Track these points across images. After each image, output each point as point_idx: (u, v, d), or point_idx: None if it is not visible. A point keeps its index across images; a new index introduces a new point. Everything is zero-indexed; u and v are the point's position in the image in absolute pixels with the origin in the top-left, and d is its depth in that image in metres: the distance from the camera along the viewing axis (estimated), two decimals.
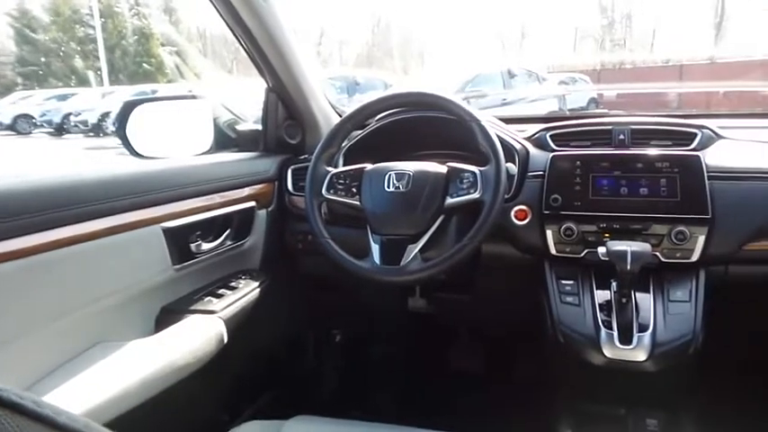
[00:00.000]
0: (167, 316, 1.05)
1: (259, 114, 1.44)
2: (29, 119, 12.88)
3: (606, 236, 1.10)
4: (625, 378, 1.08)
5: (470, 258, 1.08)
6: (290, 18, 1.29)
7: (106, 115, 10.73)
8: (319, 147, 1.20)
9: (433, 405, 1.60)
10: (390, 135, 1.35)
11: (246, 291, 1.20)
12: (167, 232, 1.02)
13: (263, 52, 1.27)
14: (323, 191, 1.15)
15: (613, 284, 1.06)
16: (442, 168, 1.10)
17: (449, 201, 1.07)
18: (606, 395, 1.17)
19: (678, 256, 1.07)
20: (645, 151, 1.15)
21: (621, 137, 1.20)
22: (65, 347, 0.87)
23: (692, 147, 1.16)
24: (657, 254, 1.07)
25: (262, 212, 1.33)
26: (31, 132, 12.74)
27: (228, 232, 1.22)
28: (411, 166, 1.12)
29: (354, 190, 1.13)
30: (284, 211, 1.39)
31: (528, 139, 1.28)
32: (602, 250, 1.02)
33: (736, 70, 10.42)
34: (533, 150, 1.24)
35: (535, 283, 1.19)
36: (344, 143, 1.29)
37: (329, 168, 1.17)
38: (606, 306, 1.07)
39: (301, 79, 1.37)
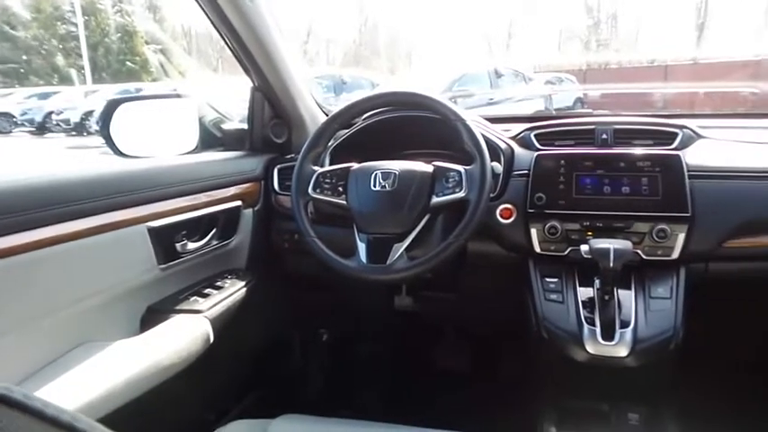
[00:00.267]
0: (153, 316, 1.05)
1: (245, 113, 1.44)
2: (9, 117, 12.66)
3: (589, 234, 1.12)
4: (607, 374, 1.10)
5: (456, 257, 1.09)
6: (277, 16, 1.28)
7: (89, 114, 10.59)
8: (306, 146, 1.20)
9: (420, 403, 1.61)
10: (377, 134, 1.35)
11: (232, 290, 1.20)
12: (152, 232, 1.01)
13: (248, 51, 1.26)
14: (309, 190, 1.15)
15: (596, 282, 1.07)
16: (427, 167, 1.11)
17: (435, 200, 1.07)
18: (589, 391, 1.19)
19: (659, 253, 1.09)
20: (627, 150, 1.17)
21: (604, 136, 1.22)
22: (49, 348, 0.86)
23: (673, 146, 1.18)
24: (639, 251, 1.09)
25: (248, 212, 1.33)
26: (11, 131, 12.53)
27: (214, 232, 1.22)
28: (397, 165, 1.13)
29: (341, 189, 1.14)
30: (270, 211, 1.39)
31: (513, 138, 1.29)
32: (585, 248, 1.03)
33: (718, 71, 10.57)
34: (518, 150, 1.25)
35: (520, 281, 1.20)
36: (331, 142, 1.29)
37: (315, 167, 1.17)
38: (589, 303, 1.09)
39: (287, 78, 1.37)
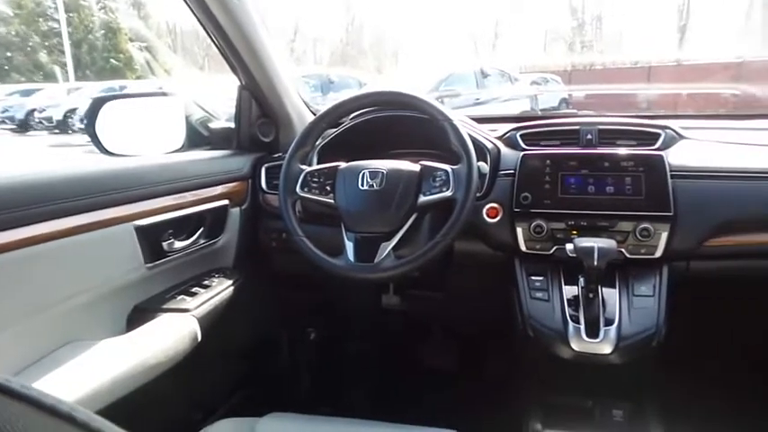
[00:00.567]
0: (139, 314, 1.04)
1: (232, 112, 1.43)
2: None
3: (574, 233, 1.13)
4: (592, 371, 1.11)
5: (443, 256, 1.10)
6: (263, 15, 1.28)
7: (72, 112, 10.45)
8: (293, 145, 1.20)
9: (407, 401, 1.62)
10: (364, 134, 1.35)
11: (220, 289, 1.20)
12: (139, 230, 1.01)
13: (235, 50, 1.26)
14: (297, 189, 1.15)
15: (581, 280, 1.09)
16: (415, 167, 1.12)
17: (422, 199, 1.08)
18: (574, 388, 1.20)
19: (643, 252, 1.11)
20: (611, 151, 1.18)
21: (589, 136, 1.23)
22: (35, 346, 0.85)
23: (656, 146, 1.20)
24: (623, 250, 1.11)
25: (235, 210, 1.32)
26: None
27: (201, 230, 1.22)
28: (385, 164, 1.13)
29: (328, 188, 1.14)
30: (258, 210, 1.39)
31: (499, 138, 1.31)
32: (570, 247, 1.05)
33: (701, 72, 10.74)
34: (504, 149, 1.27)
35: (506, 280, 1.21)
36: (318, 141, 1.29)
37: (303, 167, 1.18)
38: (574, 301, 1.10)
39: (275, 77, 1.37)
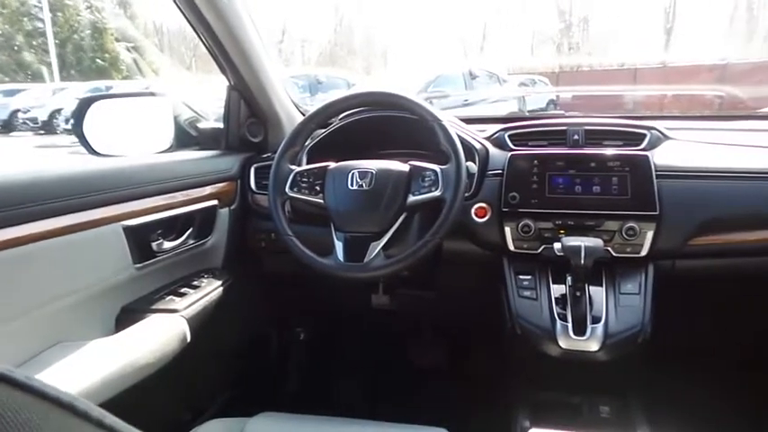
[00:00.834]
0: (128, 315, 1.04)
1: (220, 112, 1.43)
2: None
3: (561, 232, 1.15)
4: (579, 368, 1.13)
5: (432, 255, 1.10)
6: (252, 15, 1.28)
7: (57, 112, 10.32)
8: (282, 145, 1.20)
9: (397, 400, 1.63)
10: (353, 134, 1.36)
11: (209, 289, 1.19)
12: (128, 231, 1.00)
13: (224, 50, 1.26)
14: (286, 189, 1.15)
15: (568, 279, 1.10)
16: (404, 167, 1.12)
17: (411, 199, 1.09)
18: (562, 385, 1.22)
19: (629, 250, 1.13)
20: (598, 151, 1.20)
21: (576, 137, 1.25)
22: (23, 348, 0.85)
23: (642, 147, 1.22)
24: (609, 249, 1.12)
25: (224, 211, 1.32)
26: None
27: (190, 231, 1.21)
28: (374, 164, 1.14)
29: (318, 188, 1.14)
30: (247, 210, 1.39)
31: (487, 138, 1.32)
32: (557, 246, 1.06)
33: (686, 74, 10.86)
34: (493, 150, 1.28)
35: (494, 279, 1.22)
36: (308, 142, 1.30)
37: (293, 167, 1.18)
38: (562, 299, 1.12)
39: (264, 77, 1.37)
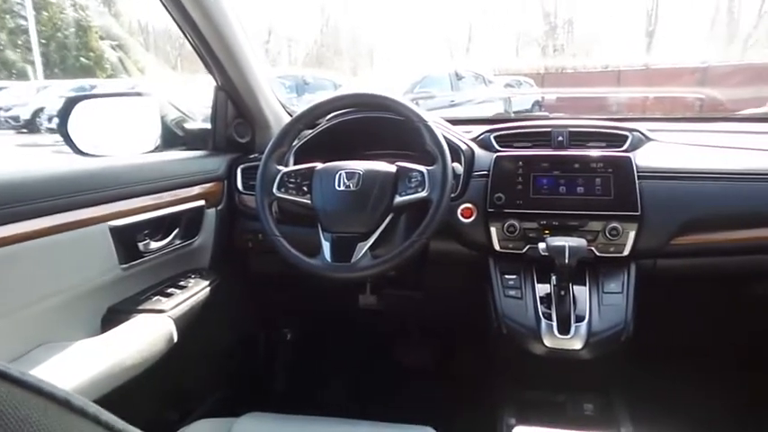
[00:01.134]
0: (114, 316, 1.03)
1: (208, 112, 1.43)
2: None
3: (546, 232, 1.16)
4: (564, 366, 1.14)
5: (419, 255, 1.11)
6: (238, 14, 1.28)
7: (40, 111, 10.18)
8: (270, 146, 1.20)
9: (384, 400, 1.63)
10: (341, 135, 1.36)
11: (196, 290, 1.19)
12: (114, 231, 1.00)
13: (211, 50, 1.26)
14: (274, 189, 1.15)
15: (553, 278, 1.12)
16: (391, 168, 1.13)
17: (398, 199, 1.10)
18: (547, 383, 1.23)
19: (612, 250, 1.14)
20: (581, 152, 1.22)
21: (560, 138, 1.27)
22: (7, 348, 0.84)
23: (624, 148, 1.24)
24: (593, 249, 1.14)
25: (211, 211, 1.32)
26: None
27: (177, 231, 1.21)
28: (361, 165, 1.15)
29: (305, 189, 1.15)
30: (234, 210, 1.39)
31: (473, 139, 1.33)
32: (542, 246, 1.07)
33: (668, 76, 11.01)
34: (478, 151, 1.29)
35: (480, 279, 1.24)
36: (295, 142, 1.30)
37: (280, 167, 1.18)
38: (546, 299, 1.13)
39: (251, 77, 1.36)
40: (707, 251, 1.19)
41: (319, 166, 1.17)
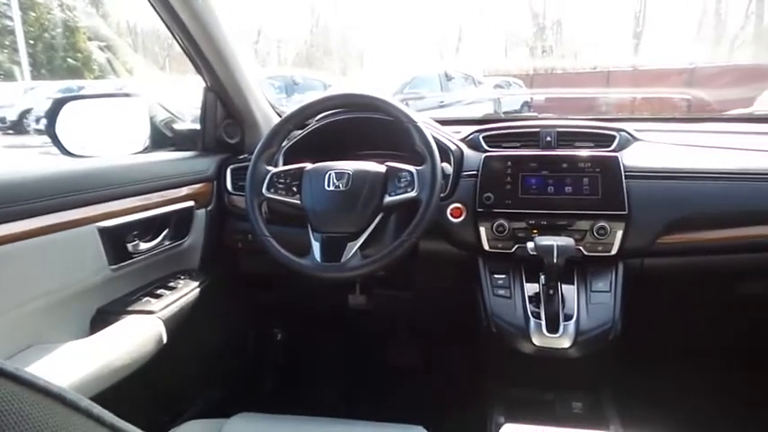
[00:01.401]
0: (103, 317, 1.03)
1: (197, 113, 1.43)
2: None
3: (535, 232, 1.17)
4: (552, 365, 1.15)
5: (408, 255, 1.12)
6: (227, 15, 1.28)
7: (27, 112, 10.08)
8: (259, 146, 1.20)
9: (374, 400, 1.63)
10: (330, 135, 1.37)
11: (186, 291, 1.19)
12: (103, 232, 1.00)
13: (200, 51, 1.26)
14: (263, 190, 1.16)
15: (541, 277, 1.13)
16: (380, 168, 1.14)
17: (387, 199, 1.10)
18: (535, 382, 1.24)
19: (599, 249, 1.16)
20: (569, 152, 1.23)
21: (548, 139, 1.28)
22: None
23: (612, 148, 1.25)
24: (581, 248, 1.15)
25: (200, 212, 1.32)
26: None
27: (167, 232, 1.21)
28: (350, 165, 1.15)
29: (295, 189, 1.15)
30: (223, 211, 1.38)
31: (462, 140, 1.34)
32: (530, 245, 1.08)
33: (656, 77, 11.11)
34: (467, 151, 1.30)
35: (470, 279, 1.24)
36: (285, 143, 1.30)
37: (269, 168, 1.18)
38: (535, 298, 1.14)
39: (240, 78, 1.36)
40: (693, 250, 1.21)
41: (309, 166, 1.17)
